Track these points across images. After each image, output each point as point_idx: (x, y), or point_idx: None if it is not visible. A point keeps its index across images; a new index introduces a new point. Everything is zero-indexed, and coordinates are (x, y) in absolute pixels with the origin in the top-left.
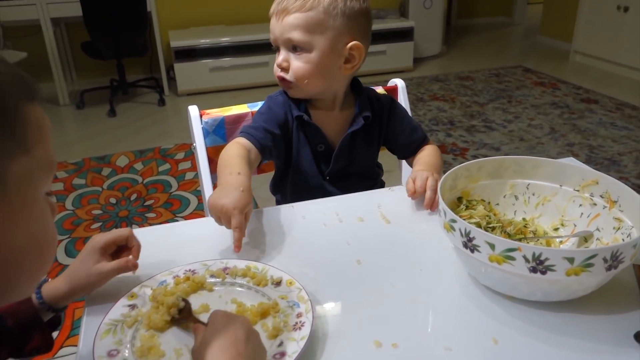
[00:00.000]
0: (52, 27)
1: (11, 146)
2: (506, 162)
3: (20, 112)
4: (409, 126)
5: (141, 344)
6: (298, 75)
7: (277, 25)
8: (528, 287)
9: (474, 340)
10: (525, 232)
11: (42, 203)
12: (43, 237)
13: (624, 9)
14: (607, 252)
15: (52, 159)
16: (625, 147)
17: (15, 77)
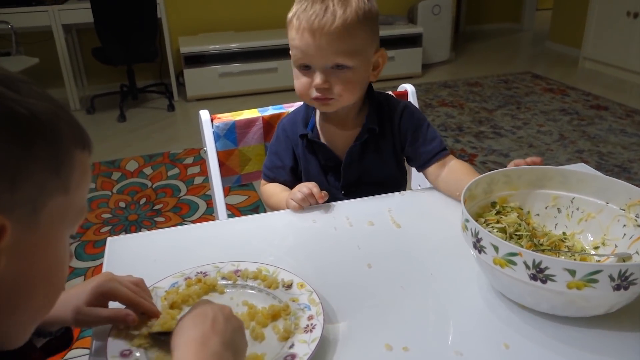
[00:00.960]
0: (64, 34)
1: (55, 184)
2: (550, 172)
3: (70, 156)
4: (422, 135)
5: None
6: (343, 92)
7: (312, 46)
8: (532, 296)
9: (485, 345)
10: (560, 245)
11: (65, 242)
12: (56, 276)
13: (633, 15)
14: (614, 270)
15: (84, 206)
16: (636, 154)
17: (73, 125)
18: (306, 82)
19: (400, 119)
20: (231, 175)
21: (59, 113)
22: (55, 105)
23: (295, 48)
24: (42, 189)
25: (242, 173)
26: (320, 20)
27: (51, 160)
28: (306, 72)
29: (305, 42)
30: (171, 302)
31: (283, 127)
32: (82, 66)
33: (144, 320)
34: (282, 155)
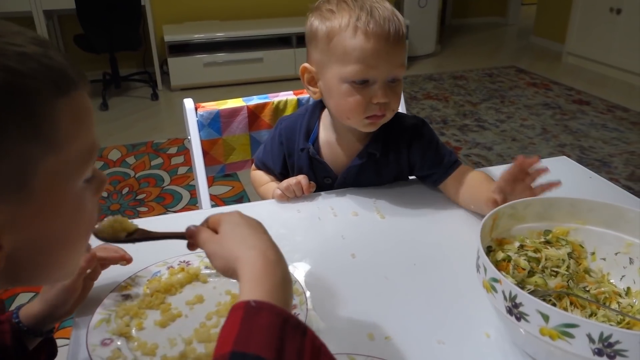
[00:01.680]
0: (45, 20)
1: (37, 150)
2: (629, 214)
3: (48, 112)
4: (431, 157)
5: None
6: (395, 107)
7: (383, 52)
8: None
9: (467, 334)
10: (612, 300)
11: (75, 194)
12: (76, 226)
13: (616, 11)
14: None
15: (91, 146)
16: (616, 148)
17: (46, 72)
18: (363, 99)
19: (412, 142)
20: (215, 165)
21: (20, 68)
22: (14, 58)
23: (359, 59)
24: (24, 161)
25: (226, 163)
26: (395, 26)
27: (24, 128)
28: (362, 87)
29: (378, 50)
30: (153, 291)
31: (280, 132)
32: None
33: (125, 308)
34: (274, 158)
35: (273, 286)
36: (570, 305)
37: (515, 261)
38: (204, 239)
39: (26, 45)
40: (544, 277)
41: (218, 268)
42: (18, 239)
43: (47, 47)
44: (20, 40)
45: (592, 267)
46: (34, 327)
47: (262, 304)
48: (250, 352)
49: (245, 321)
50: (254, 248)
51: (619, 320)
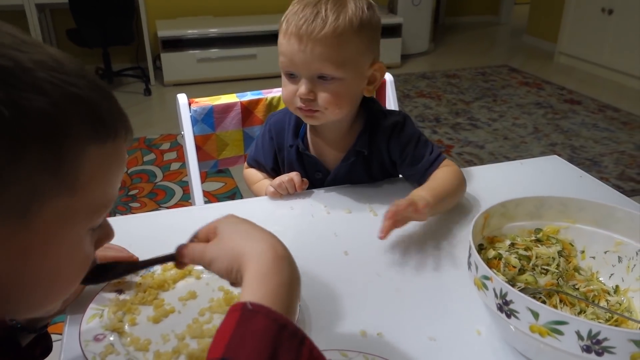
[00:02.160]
0: (37, 13)
1: (53, 186)
2: (619, 213)
3: (76, 154)
4: (410, 155)
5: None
6: (329, 104)
7: (298, 52)
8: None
9: (458, 330)
10: (600, 298)
11: (76, 239)
12: (65, 268)
13: (608, 11)
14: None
15: (109, 199)
16: (607, 148)
17: (90, 116)
18: (292, 90)
19: (390, 140)
20: (208, 160)
21: (66, 106)
22: (64, 96)
23: (281, 54)
24: (34, 191)
25: (219, 158)
26: (309, 25)
27: (45, 160)
28: (292, 79)
29: (291, 48)
30: (146, 287)
31: (270, 127)
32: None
33: (118, 303)
34: (265, 154)
35: (278, 285)
36: (560, 302)
37: (506, 259)
38: (199, 251)
39: (84, 88)
40: (534, 275)
41: (221, 271)
42: (7, 263)
43: (99, 92)
44: (82, 83)
45: (582, 265)
46: (27, 323)
47: (259, 308)
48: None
49: (240, 325)
50: (262, 241)
51: (608, 318)
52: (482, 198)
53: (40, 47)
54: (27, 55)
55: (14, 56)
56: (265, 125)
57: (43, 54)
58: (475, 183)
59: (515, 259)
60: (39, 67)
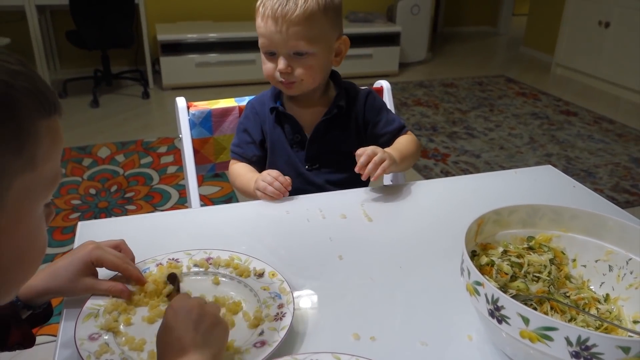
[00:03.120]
0: (37, 14)
1: (18, 164)
2: (610, 222)
3: (33, 129)
4: (384, 118)
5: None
6: (305, 76)
7: (276, 33)
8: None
9: (450, 335)
10: (591, 306)
11: (37, 215)
12: (32, 249)
13: (605, 24)
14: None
15: (58, 173)
16: (602, 159)
17: (34, 92)
18: (272, 67)
19: (365, 102)
20: (205, 164)
21: (14, 83)
22: (8, 74)
23: (261, 35)
24: (3, 172)
25: (216, 162)
26: (283, 8)
27: (9, 142)
28: (271, 58)
29: (269, 29)
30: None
31: (252, 106)
32: (55, 49)
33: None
34: (251, 131)
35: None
36: (550, 310)
37: (498, 266)
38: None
39: (16, 64)
40: (526, 282)
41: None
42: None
43: (31, 70)
44: (11, 59)
45: (573, 273)
46: (29, 301)
47: None
48: None
49: None
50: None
51: (597, 326)
52: (476, 205)
53: None
54: None
55: None
56: (246, 109)
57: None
58: (470, 190)
59: (507, 266)
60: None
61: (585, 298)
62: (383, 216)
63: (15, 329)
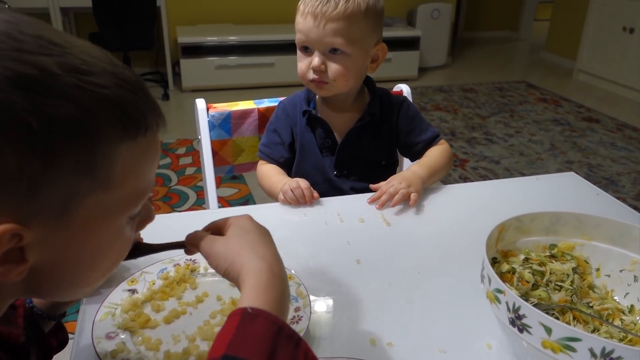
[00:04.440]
0: (61, 16)
1: (89, 185)
2: (635, 231)
3: (109, 153)
4: (417, 126)
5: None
6: (338, 76)
7: (314, 29)
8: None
9: (468, 344)
10: (615, 317)
11: (116, 227)
12: (105, 256)
13: (629, 30)
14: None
15: (145, 188)
16: (624, 167)
17: (120, 117)
18: (305, 64)
19: (400, 110)
20: (224, 165)
21: (95, 111)
22: (93, 100)
23: (298, 31)
24: (71, 193)
25: (234, 164)
26: (324, 5)
27: (80, 163)
28: (306, 54)
29: (307, 25)
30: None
31: (284, 107)
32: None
33: (130, 302)
34: (281, 132)
35: (273, 298)
36: (573, 320)
37: (519, 273)
38: (207, 241)
39: (111, 88)
40: (547, 290)
41: (219, 269)
42: (45, 257)
43: (133, 92)
44: (107, 81)
45: (597, 283)
46: (47, 310)
47: (259, 312)
48: (241, 357)
49: (241, 327)
50: (262, 258)
51: (622, 337)
52: (497, 212)
53: (67, 47)
54: (53, 59)
55: (39, 63)
56: (277, 109)
57: (70, 56)
58: (490, 196)
59: (529, 274)
60: (65, 72)
61: (609, 309)
62: (401, 221)
63: (50, 338)
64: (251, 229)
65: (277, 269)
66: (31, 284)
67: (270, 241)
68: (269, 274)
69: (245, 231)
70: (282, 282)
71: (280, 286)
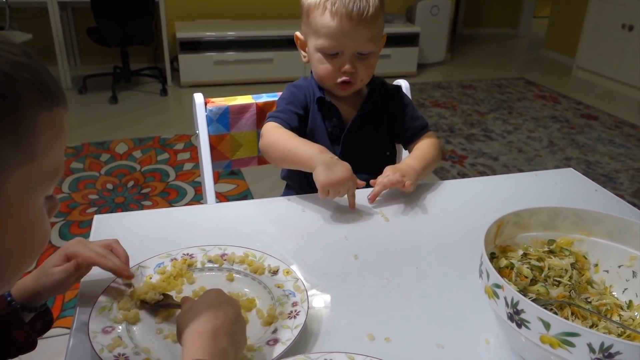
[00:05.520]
0: (59, 11)
1: (16, 157)
2: (635, 227)
3: (32, 122)
4: (410, 114)
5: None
6: (365, 77)
7: (348, 31)
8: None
9: (466, 339)
10: (613, 312)
11: (36, 208)
12: (30, 240)
13: (628, 27)
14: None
15: (60, 165)
16: (622, 164)
17: (35, 83)
18: (331, 67)
19: (395, 96)
20: (222, 160)
21: (15, 75)
22: (10, 65)
23: (326, 35)
24: (0, 167)
25: (232, 158)
26: (359, 7)
27: (6, 134)
28: (331, 58)
29: (342, 28)
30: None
31: (300, 86)
32: (76, 45)
33: (126, 297)
34: (297, 106)
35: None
36: (571, 315)
37: (518, 269)
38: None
39: (19, 55)
40: (546, 286)
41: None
42: None
43: (35, 61)
44: (15, 49)
45: (595, 278)
46: (26, 301)
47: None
48: None
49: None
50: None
51: (620, 333)
52: (495, 207)
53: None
54: None
55: None
56: (289, 88)
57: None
58: (489, 192)
59: (527, 269)
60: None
61: (607, 304)
62: (400, 216)
63: (16, 331)
64: (206, 301)
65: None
66: None
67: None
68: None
69: (198, 302)
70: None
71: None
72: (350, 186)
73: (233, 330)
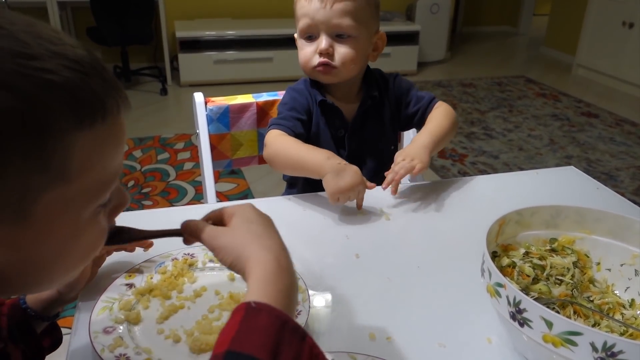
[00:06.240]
0: (59, 11)
1: (44, 180)
2: (637, 225)
3: (62, 146)
4: (414, 97)
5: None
6: (346, 60)
7: (321, 10)
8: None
9: (468, 338)
10: (615, 311)
11: (80, 220)
12: (72, 250)
13: (629, 25)
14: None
15: (111, 175)
16: (623, 162)
17: (71, 103)
18: (310, 51)
19: (394, 85)
20: (222, 160)
21: (42, 98)
22: (38, 87)
23: (303, 16)
24: (25, 191)
25: (233, 158)
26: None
27: (30, 160)
28: (310, 42)
29: (313, 6)
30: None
31: (300, 89)
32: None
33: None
34: (299, 111)
35: (279, 292)
36: (573, 314)
37: (520, 267)
38: (209, 233)
39: (59, 72)
40: (548, 284)
41: (225, 262)
42: (8, 256)
43: (86, 74)
44: (54, 64)
45: (597, 277)
46: (41, 311)
47: (262, 306)
48: (245, 352)
49: (244, 322)
50: (268, 250)
51: (622, 332)
52: (497, 206)
53: (7, 28)
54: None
55: None
56: (289, 92)
57: (9, 39)
58: (491, 190)
59: (529, 268)
60: (3, 57)
61: (609, 303)
62: (401, 215)
63: (29, 340)
64: (255, 219)
65: (283, 261)
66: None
67: (275, 231)
68: (275, 266)
69: (249, 222)
70: (289, 274)
71: (287, 278)
72: (360, 190)
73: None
